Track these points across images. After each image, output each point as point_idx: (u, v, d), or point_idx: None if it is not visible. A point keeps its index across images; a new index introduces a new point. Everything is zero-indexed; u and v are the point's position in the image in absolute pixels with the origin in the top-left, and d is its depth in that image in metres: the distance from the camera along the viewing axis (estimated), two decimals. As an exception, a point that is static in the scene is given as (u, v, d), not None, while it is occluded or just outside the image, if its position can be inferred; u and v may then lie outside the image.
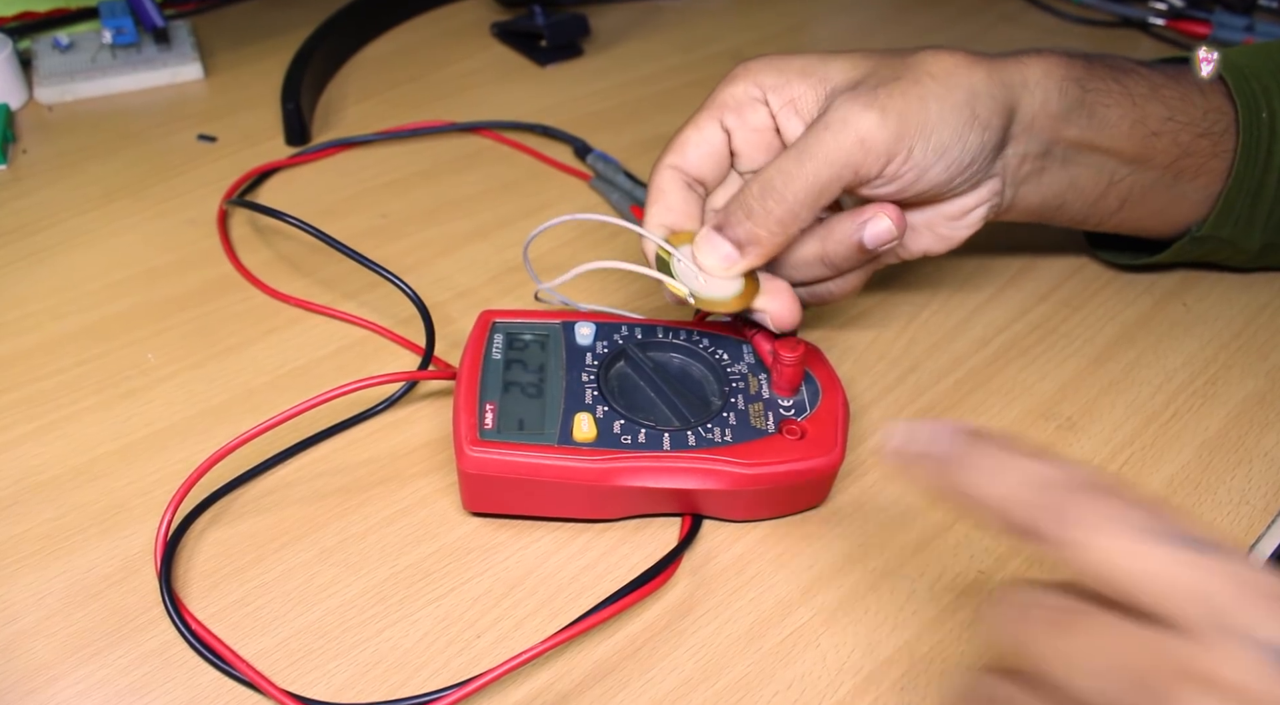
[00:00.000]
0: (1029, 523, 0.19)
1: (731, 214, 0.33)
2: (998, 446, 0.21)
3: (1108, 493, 0.19)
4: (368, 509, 0.33)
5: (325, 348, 0.40)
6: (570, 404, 0.33)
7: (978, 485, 0.20)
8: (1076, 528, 0.18)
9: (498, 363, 0.34)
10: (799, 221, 0.32)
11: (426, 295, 0.40)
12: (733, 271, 0.33)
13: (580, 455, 0.31)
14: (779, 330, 0.34)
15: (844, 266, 0.35)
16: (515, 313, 0.37)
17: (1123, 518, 0.18)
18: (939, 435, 0.22)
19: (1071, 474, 0.20)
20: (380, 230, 0.47)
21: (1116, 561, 0.18)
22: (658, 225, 0.34)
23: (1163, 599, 0.18)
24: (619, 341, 0.36)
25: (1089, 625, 0.18)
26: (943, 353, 0.41)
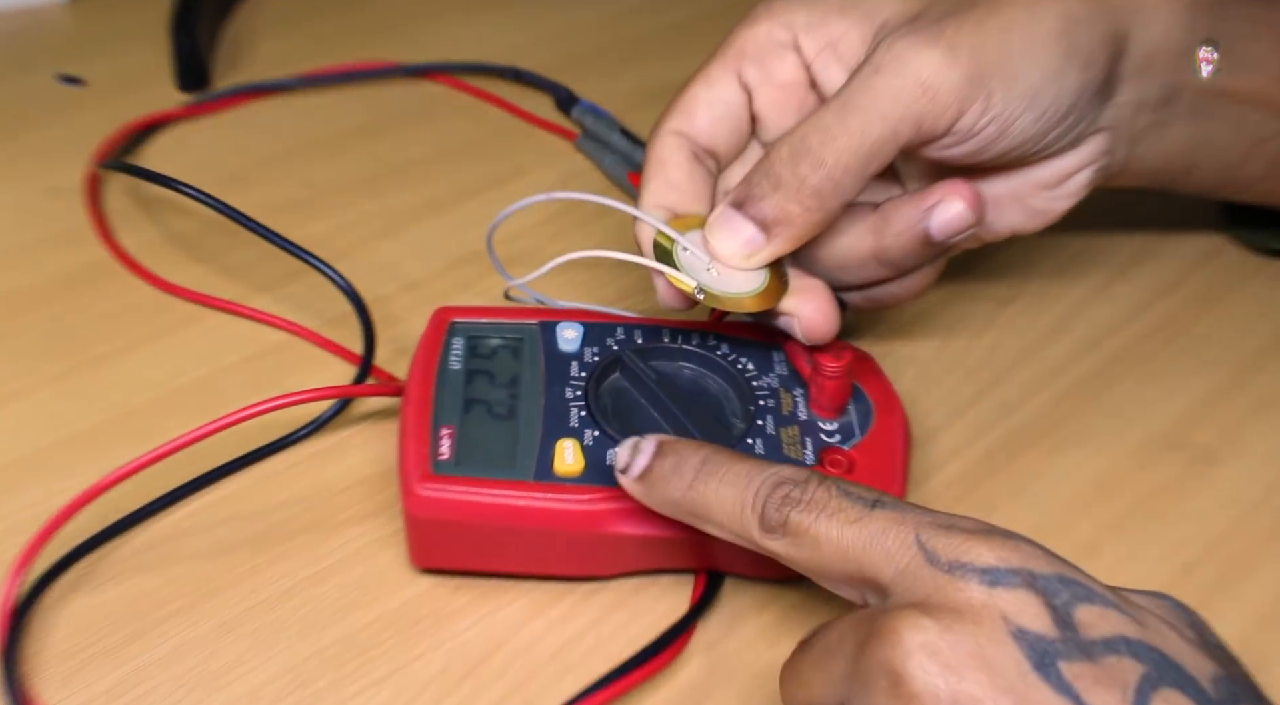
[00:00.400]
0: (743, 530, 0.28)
1: (755, 186, 0.33)
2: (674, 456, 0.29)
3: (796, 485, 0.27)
4: (286, 565, 0.34)
5: (231, 355, 0.40)
6: (551, 428, 0.33)
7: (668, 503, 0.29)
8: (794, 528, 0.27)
9: (457, 375, 0.35)
10: (842, 194, 0.33)
11: (364, 288, 0.41)
12: (754, 260, 0.34)
13: (563, 494, 0.32)
14: (810, 341, 0.34)
15: (906, 264, 0.36)
16: (479, 310, 0.37)
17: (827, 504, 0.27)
18: (634, 452, 0.30)
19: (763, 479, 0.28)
20: (304, 203, 0.48)
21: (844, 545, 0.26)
22: (656, 205, 0.35)
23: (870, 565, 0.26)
24: (613, 347, 0.36)
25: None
26: (1034, 362, 0.41)
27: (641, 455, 0.30)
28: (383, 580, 0.34)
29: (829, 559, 0.27)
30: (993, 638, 0.24)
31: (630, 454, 0.31)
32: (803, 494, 0.27)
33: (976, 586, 0.24)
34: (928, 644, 0.24)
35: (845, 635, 0.26)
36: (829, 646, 0.26)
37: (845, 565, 0.26)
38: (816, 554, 0.27)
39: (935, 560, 0.25)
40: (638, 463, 0.31)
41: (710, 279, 0.34)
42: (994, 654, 0.23)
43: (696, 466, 0.29)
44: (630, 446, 0.31)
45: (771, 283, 0.34)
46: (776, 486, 0.28)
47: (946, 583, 0.25)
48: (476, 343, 0.37)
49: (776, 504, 0.27)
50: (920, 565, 0.25)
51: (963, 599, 0.24)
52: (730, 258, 0.34)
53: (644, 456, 0.30)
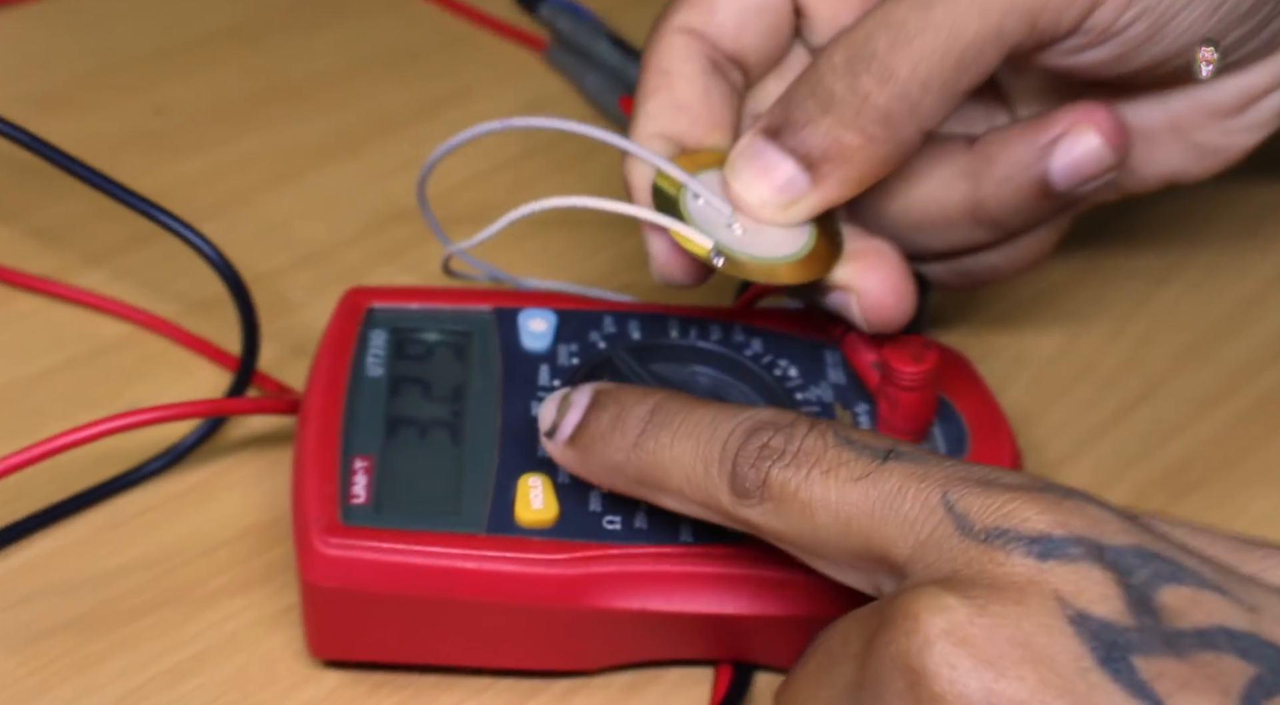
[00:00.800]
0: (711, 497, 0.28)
1: (797, 107, 0.33)
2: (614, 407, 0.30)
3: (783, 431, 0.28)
4: (129, 658, 0.34)
5: (47, 356, 0.41)
6: (510, 459, 0.34)
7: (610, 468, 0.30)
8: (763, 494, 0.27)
9: (377, 383, 0.35)
10: (920, 119, 0.33)
11: (243, 259, 0.40)
12: (795, 212, 0.34)
13: (529, 553, 0.32)
14: (873, 327, 0.35)
15: (1013, 224, 0.36)
16: (408, 293, 0.37)
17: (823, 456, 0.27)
18: (563, 408, 0.31)
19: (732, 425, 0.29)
20: (154, 137, 0.47)
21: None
22: (657, 134, 0.35)
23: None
24: (599, 344, 0.37)
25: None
26: (1201, 366, 0.41)
27: (573, 410, 0.31)
28: (270, 677, 0.33)
29: (825, 531, 0.27)
30: (1043, 623, 0.24)
31: (558, 410, 0.31)
32: (787, 443, 0.28)
33: (1022, 558, 0.25)
34: (954, 629, 0.24)
35: (850, 633, 0.26)
36: (831, 651, 0.26)
37: (848, 539, 0.27)
38: (808, 524, 0.27)
39: (968, 526, 0.25)
40: (568, 420, 0.31)
41: (732, 238, 0.34)
42: (1044, 644, 0.24)
43: (643, 417, 0.30)
44: (557, 400, 0.32)
45: (818, 244, 0.34)
46: (751, 434, 0.28)
47: (982, 555, 0.25)
48: (405, 338, 0.37)
49: (751, 458, 0.28)
50: (948, 534, 0.25)
51: (1002, 574, 0.25)
52: (761, 207, 0.34)
53: (575, 411, 0.31)
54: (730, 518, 0.29)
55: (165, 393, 0.40)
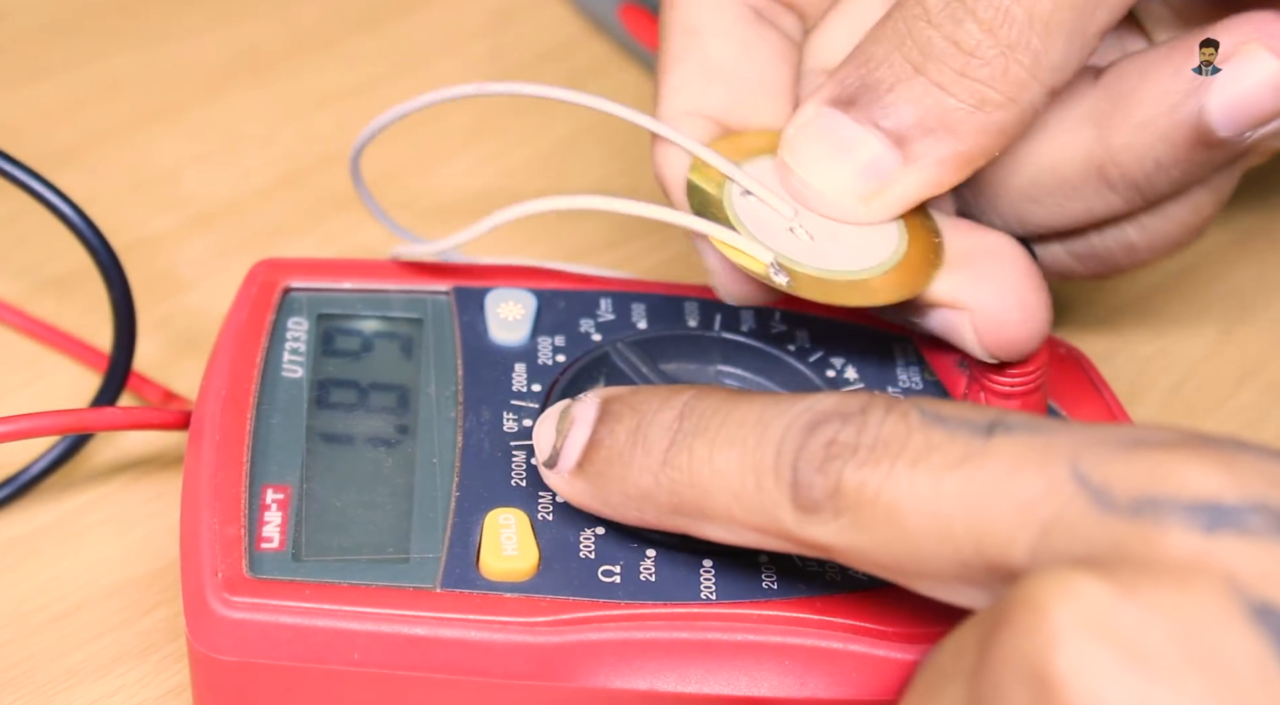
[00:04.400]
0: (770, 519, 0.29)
1: (879, 63, 0.34)
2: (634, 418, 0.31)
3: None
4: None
5: None
6: (474, 490, 0.34)
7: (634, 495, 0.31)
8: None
9: (296, 388, 0.36)
10: (1045, 73, 0.33)
11: (112, 219, 0.41)
12: (883, 204, 0.34)
13: (499, 616, 0.32)
14: (994, 353, 0.35)
15: (1158, 184, 0.36)
16: (338, 267, 0.38)
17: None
18: (563, 424, 0.32)
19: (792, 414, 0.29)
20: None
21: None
22: (688, 114, 0.36)
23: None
24: (590, 335, 0.37)
25: None
26: None
27: (577, 427, 0.32)
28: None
29: (921, 539, 0.27)
30: (1213, 614, 0.24)
31: (557, 429, 0.32)
32: (859, 434, 0.28)
33: (1183, 532, 0.25)
34: (1092, 620, 0.24)
35: (963, 644, 0.26)
36: (941, 670, 0.27)
37: (951, 544, 0.27)
38: (897, 534, 0.28)
39: (1108, 499, 0.26)
40: (572, 441, 0.32)
41: (796, 246, 0.34)
42: (1215, 642, 0.24)
43: (670, 425, 0.31)
44: (555, 416, 0.32)
45: (913, 247, 0.34)
46: (812, 430, 0.29)
47: (1129, 532, 0.25)
48: (333, 328, 0.37)
49: (816, 460, 0.28)
50: (1082, 512, 0.26)
51: (1157, 553, 0.25)
52: (836, 200, 0.34)
53: (581, 428, 0.32)
54: (796, 541, 0.29)
55: (7, 402, 0.40)
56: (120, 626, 0.36)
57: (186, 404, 0.39)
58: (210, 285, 0.42)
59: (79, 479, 0.39)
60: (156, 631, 0.36)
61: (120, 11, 0.50)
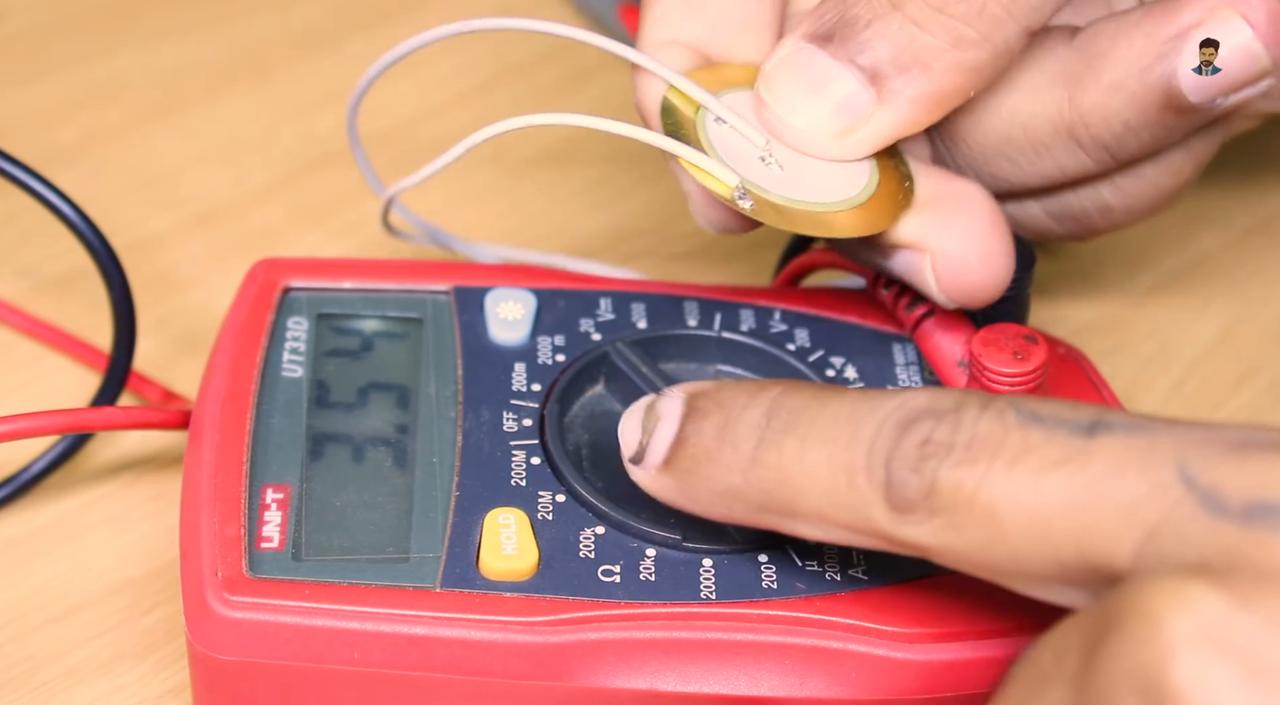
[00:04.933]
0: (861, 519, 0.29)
1: (855, 0, 0.34)
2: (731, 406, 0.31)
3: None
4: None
5: None
6: (474, 489, 0.34)
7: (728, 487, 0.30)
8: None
9: (296, 388, 0.36)
10: (1022, 10, 0.33)
11: (112, 218, 0.41)
12: (856, 141, 0.34)
13: (499, 615, 0.32)
14: (952, 297, 0.35)
15: (1127, 146, 0.36)
16: (338, 266, 0.38)
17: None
18: (648, 420, 0.32)
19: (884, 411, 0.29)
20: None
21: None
22: (670, 43, 0.35)
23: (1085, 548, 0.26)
24: (590, 334, 0.37)
25: None
26: None
27: (663, 423, 0.31)
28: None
29: (1020, 539, 0.27)
30: None
31: (642, 425, 0.32)
32: (954, 433, 0.28)
33: None
34: (1209, 631, 0.24)
35: (1065, 647, 0.26)
36: (1040, 671, 0.26)
37: (1051, 545, 0.27)
38: (996, 535, 0.27)
39: (1218, 503, 0.25)
40: (659, 437, 0.31)
41: (766, 175, 0.34)
42: None
43: (759, 422, 0.30)
44: (640, 412, 0.32)
45: (882, 186, 0.35)
46: (906, 428, 0.29)
47: (1242, 539, 0.25)
48: (333, 328, 0.37)
49: (910, 459, 0.28)
50: (1190, 516, 0.25)
51: (1274, 561, 0.24)
52: (808, 135, 0.34)
53: (667, 424, 0.31)
54: (890, 540, 0.29)
55: (6, 401, 0.40)
56: (120, 626, 0.36)
57: (186, 403, 0.39)
58: (210, 285, 0.42)
59: (79, 478, 0.39)
60: (156, 631, 0.36)
61: (120, 11, 0.50)
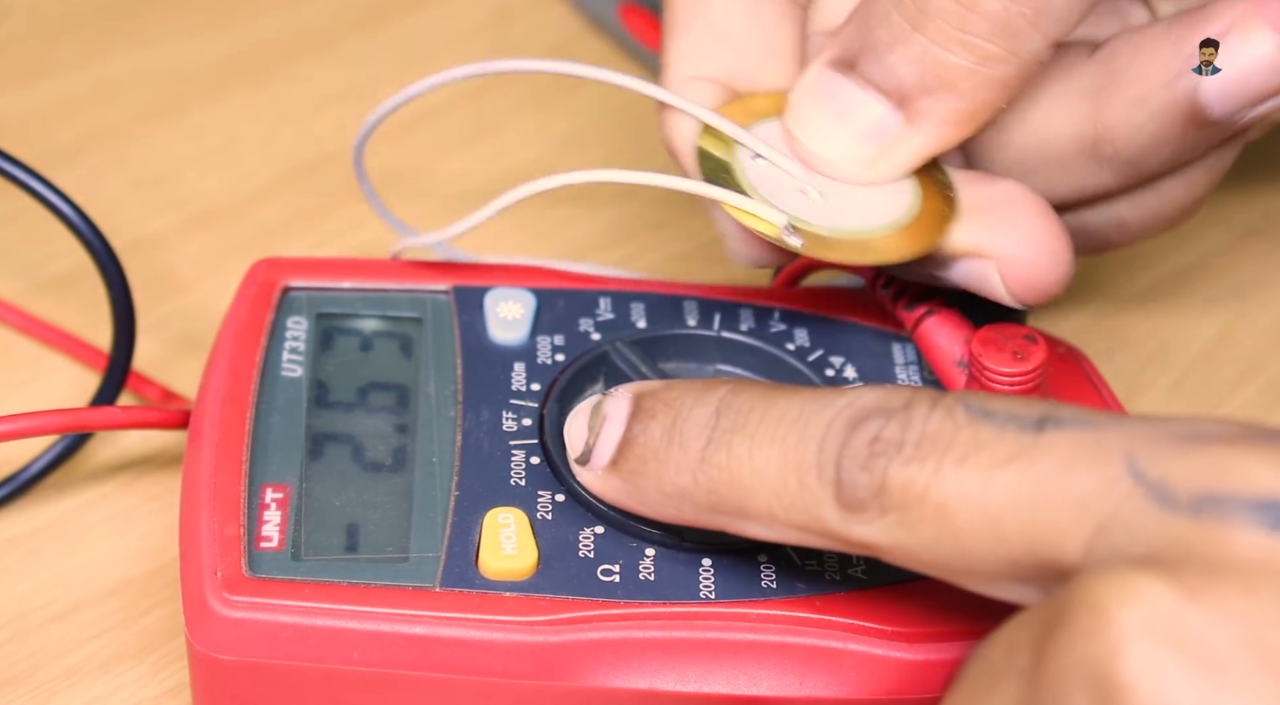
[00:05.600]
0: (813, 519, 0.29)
1: (878, 23, 0.34)
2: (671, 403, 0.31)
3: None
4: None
5: None
6: (473, 489, 0.34)
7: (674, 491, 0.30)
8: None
9: (295, 387, 0.36)
10: (1048, 24, 0.33)
11: (112, 219, 0.41)
12: (889, 165, 0.34)
13: (498, 615, 0.32)
14: (1024, 299, 0.35)
15: (1150, 162, 0.36)
16: (338, 266, 0.38)
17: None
18: (595, 419, 0.32)
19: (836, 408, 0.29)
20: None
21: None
22: (695, 79, 0.36)
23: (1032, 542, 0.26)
24: (589, 334, 0.37)
25: None
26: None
27: (610, 423, 0.32)
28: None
29: (970, 537, 0.27)
30: None
31: (589, 425, 0.32)
32: (904, 431, 0.28)
33: (1249, 531, 0.24)
34: (1158, 624, 0.24)
35: (1015, 642, 0.26)
36: (991, 667, 0.26)
37: (1001, 542, 0.27)
38: (946, 533, 0.27)
39: (1167, 496, 0.25)
40: (605, 437, 0.31)
41: (809, 207, 0.34)
42: None
43: (707, 422, 0.30)
44: (587, 412, 0.32)
45: (926, 200, 0.35)
46: (855, 426, 0.28)
47: (1190, 531, 0.25)
48: (333, 327, 0.37)
49: (860, 458, 0.28)
50: (1139, 510, 0.26)
51: (1221, 553, 0.24)
52: (841, 164, 0.34)
53: (614, 424, 0.31)
54: (840, 540, 0.29)
55: (6, 400, 0.40)
56: (119, 626, 0.36)
57: (186, 403, 0.39)
58: (210, 284, 0.42)
59: (78, 478, 0.39)
60: (155, 631, 0.36)
61: (120, 11, 0.50)
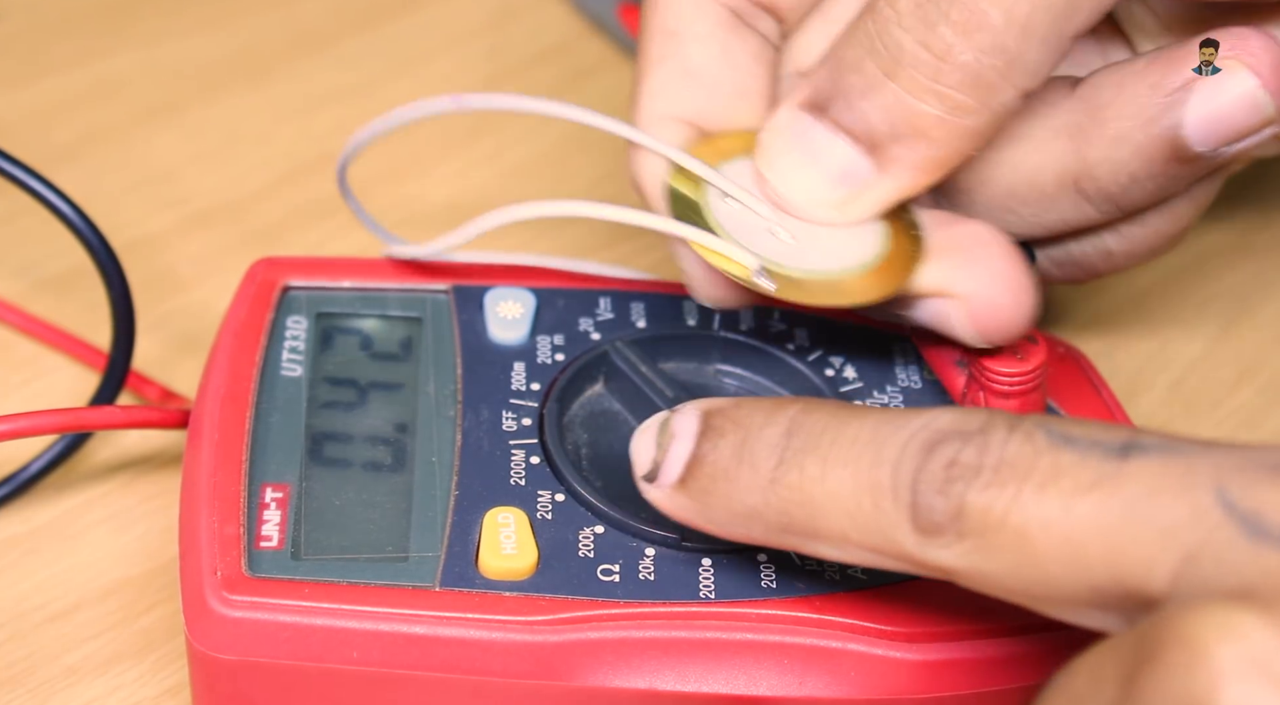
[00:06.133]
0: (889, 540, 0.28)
1: (850, 68, 0.33)
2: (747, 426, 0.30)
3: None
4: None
5: None
6: (473, 488, 0.34)
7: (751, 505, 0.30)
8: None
9: (295, 387, 0.36)
10: (1018, 76, 0.33)
11: (111, 217, 0.41)
12: (858, 209, 0.34)
13: (498, 615, 0.32)
14: (988, 338, 0.35)
15: (1134, 197, 0.36)
16: (337, 265, 0.38)
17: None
18: (663, 437, 0.31)
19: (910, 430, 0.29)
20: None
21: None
22: (666, 118, 0.36)
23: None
24: (589, 333, 0.37)
25: None
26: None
27: (678, 441, 0.31)
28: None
29: (1051, 565, 0.27)
30: None
31: (656, 442, 0.31)
32: (981, 455, 0.28)
33: None
34: (1259, 660, 0.23)
35: (1102, 671, 0.25)
36: (1075, 696, 0.26)
37: (1083, 570, 0.27)
38: (1026, 560, 0.27)
39: (1260, 528, 0.25)
40: (674, 455, 0.31)
41: (778, 248, 0.34)
42: None
43: (778, 442, 0.30)
44: (654, 429, 0.32)
45: (895, 240, 0.34)
46: (931, 449, 0.28)
47: None
48: (333, 327, 0.37)
49: (937, 482, 0.28)
50: (1231, 541, 0.25)
51: None
52: (810, 206, 0.34)
53: (682, 442, 0.31)
54: (915, 563, 0.28)
55: (5, 400, 0.40)
56: (119, 625, 0.36)
57: (185, 403, 0.39)
58: (209, 284, 0.42)
59: (77, 478, 0.39)
60: (155, 630, 0.36)
61: (120, 11, 0.49)
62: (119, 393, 0.39)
